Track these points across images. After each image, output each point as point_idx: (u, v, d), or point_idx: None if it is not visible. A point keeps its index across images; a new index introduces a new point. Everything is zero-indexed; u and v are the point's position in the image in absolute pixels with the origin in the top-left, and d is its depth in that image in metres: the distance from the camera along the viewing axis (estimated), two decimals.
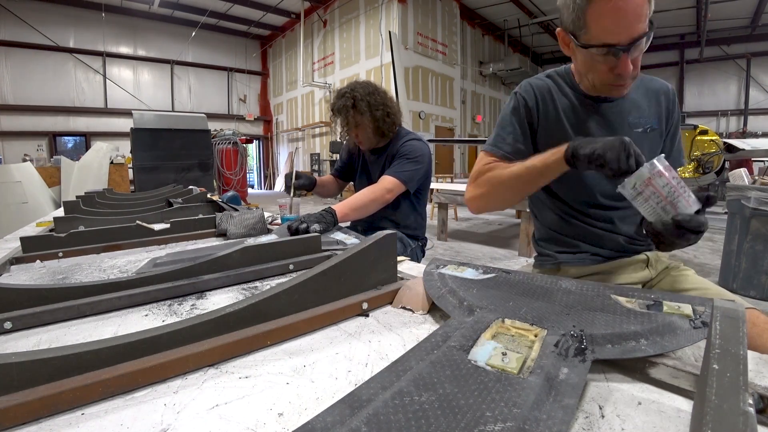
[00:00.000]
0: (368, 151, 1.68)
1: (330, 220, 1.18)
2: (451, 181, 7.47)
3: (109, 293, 0.63)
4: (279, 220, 1.50)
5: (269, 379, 0.43)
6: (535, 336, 0.45)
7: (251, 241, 0.88)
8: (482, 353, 0.42)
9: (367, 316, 0.60)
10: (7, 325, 0.55)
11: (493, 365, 0.39)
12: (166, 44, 12.20)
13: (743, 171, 4.42)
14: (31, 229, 1.50)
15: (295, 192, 1.56)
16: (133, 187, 5.50)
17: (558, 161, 0.76)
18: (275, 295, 0.53)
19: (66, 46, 10.61)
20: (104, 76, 11.27)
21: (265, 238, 1.06)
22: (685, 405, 0.37)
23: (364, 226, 1.65)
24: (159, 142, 5.13)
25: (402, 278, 0.72)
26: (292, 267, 0.83)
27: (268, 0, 10.99)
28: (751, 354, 0.44)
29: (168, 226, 1.24)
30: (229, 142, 7.96)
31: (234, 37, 13.47)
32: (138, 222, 1.22)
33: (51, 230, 1.26)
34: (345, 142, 1.79)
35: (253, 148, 14.45)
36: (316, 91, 11.87)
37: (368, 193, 1.43)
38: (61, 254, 1.02)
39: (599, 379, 0.42)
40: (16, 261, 0.96)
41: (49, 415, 0.36)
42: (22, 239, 1.03)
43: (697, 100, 12.88)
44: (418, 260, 1.63)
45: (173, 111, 11.91)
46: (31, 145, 9.54)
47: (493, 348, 0.43)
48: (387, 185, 1.45)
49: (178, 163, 5.26)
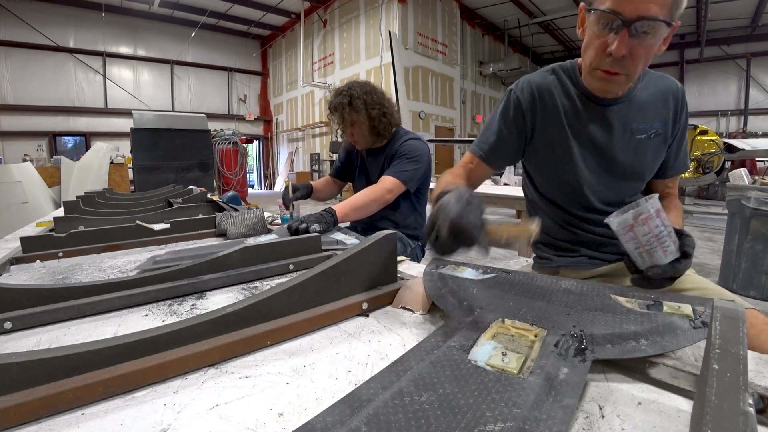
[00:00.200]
0: (366, 151, 1.68)
1: (330, 221, 1.18)
2: None
3: (109, 293, 0.63)
4: (279, 220, 1.50)
5: (269, 379, 0.43)
6: (535, 336, 0.45)
7: (251, 241, 0.88)
8: (482, 353, 0.42)
9: (367, 316, 0.60)
10: (7, 325, 0.55)
11: (493, 365, 0.39)
12: (166, 44, 12.19)
13: (743, 171, 4.42)
14: (31, 229, 1.50)
15: (293, 205, 1.55)
16: (133, 187, 5.50)
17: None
18: (275, 295, 0.53)
19: (66, 46, 10.61)
20: (104, 76, 11.26)
21: (265, 238, 1.06)
22: (685, 405, 0.37)
23: (364, 226, 1.65)
24: (159, 142, 5.13)
25: (402, 278, 0.72)
26: (292, 267, 0.83)
27: (268, 0, 10.99)
28: (751, 354, 0.44)
29: (168, 226, 1.24)
30: (229, 142, 7.96)
31: (234, 37, 13.47)
32: (138, 222, 1.22)
33: (51, 230, 1.26)
34: (343, 143, 1.79)
35: (253, 148, 14.45)
36: (316, 91, 11.87)
37: (368, 193, 1.42)
38: (61, 254, 1.02)
39: (599, 379, 0.42)
40: (16, 261, 0.96)
41: (49, 415, 0.36)
42: (22, 239, 1.03)
43: (697, 100, 12.87)
44: (418, 260, 1.63)
45: (173, 111, 11.91)
46: (31, 145, 9.53)
47: (493, 348, 0.43)
48: (387, 185, 1.45)
49: (178, 163, 5.26)
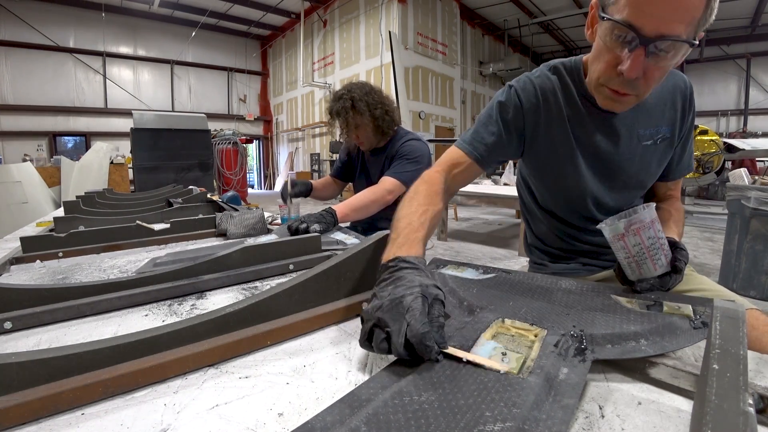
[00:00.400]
0: (368, 152, 1.68)
1: (330, 221, 1.18)
2: None
3: (109, 293, 0.63)
4: (279, 220, 1.50)
5: (269, 379, 0.43)
6: (535, 336, 0.45)
7: (251, 241, 0.88)
8: (482, 353, 0.42)
9: None
10: (7, 325, 0.55)
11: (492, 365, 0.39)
12: (166, 44, 12.19)
13: (743, 171, 4.42)
14: (31, 229, 1.50)
15: (291, 200, 1.56)
16: (133, 187, 5.50)
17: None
18: (275, 295, 0.53)
19: (66, 46, 10.60)
20: (104, 76, 11.26)
21: (265, 238, 1.06)
22: (685, 405, 0.37)
23: (364, 226, 1.65)
24: (159, 142, 5.13)
25: None
26: (292, 267, 0.83)
27: (268, 0, 10.99)
28: (751, 354, 0.44)
29: (168, 226, 1.24)
30: (229, 142, 7.96)
31: (234, 37, 13.46)
32: (138, 222, 1.22)
33: (51, 230, 1.26)
34: (344, 143, 1.79)
35: (253, 148, 14.44)
36: (316, 91, 11.86)
37: (369, 194, 1.42)
38: (61, 254, 1.02)
39: (599, 379, 0.42)
40: (16, 261, 0.96)
41: (49, 415, 0.36)
42: (22, 239, 1.03)
43: (697, 100, 12.36)
44: None
45: (173, 111, 11.90)
46: (31, 145, 9.53)
47: (493, 348, 0.43)
48: (388, 186, 1.45)
49: (178, 163, 5.26)
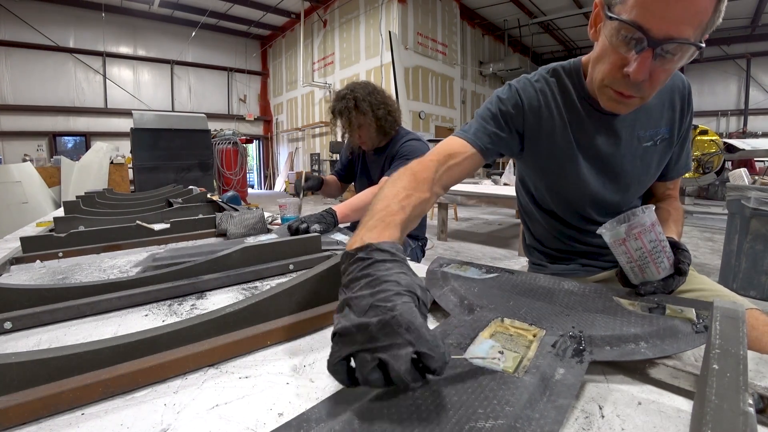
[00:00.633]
0: (369, 152, 1.68)
1: (330, 221, 1.18)
2: None
3: (109, 293, 0.63)
4: (279, 220, 1.50)
5: (269, 379, 0.43)
6: (534, 336, 0.45)
7: (251, 241, 0.88)
8: (479, 351, 0.42)
9: None
10: (7, 325, 0.55)
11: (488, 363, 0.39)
12: (166, 44, 12.18)
13: (743, 171, 4.41)
14: (31, 229, 1.50)
15: (304, 194, 1.56)
16: (133, 187, 5.50)
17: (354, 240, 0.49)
18: (275, 295, 0.53)
19: (66, 46, 10.60)
20: (104, 76, 11.26)
21: (265, 238, 1.06)
22: (685, 405, 0.37)
23: None
24: (159, 142, 5.13)
25: None
26: (292, 267, 0.83)
27: (268, 0, 10.99)
28: (751, 354, 0.44)
29: (168, 226, 1.24)
30: (229, 142, 7.96)
31: (234, 37, 13.46)
32: (138, 222, 1.22)
33: (51, 230, 1.26)
34: (345, 144, 1.79)
35: (253, 148, 14.44)
36: (316, 91, 11.86)
37: (369, 194, 1.43)
38: (61, 254, 1.02)
39: (599, 380, 0.42)
40: (16, 261, 0.96)
41: (49, 415, 0.36)
42: (22, 239, 1.03)
43: (697, 100, 12.78)
44: (418, 260, 1.63)
45: (173, 111, 11.89)
46: (31, 145, 9.53)
47: (491, 347, 0.43)
48: None
49: (178, 163, 5.26)
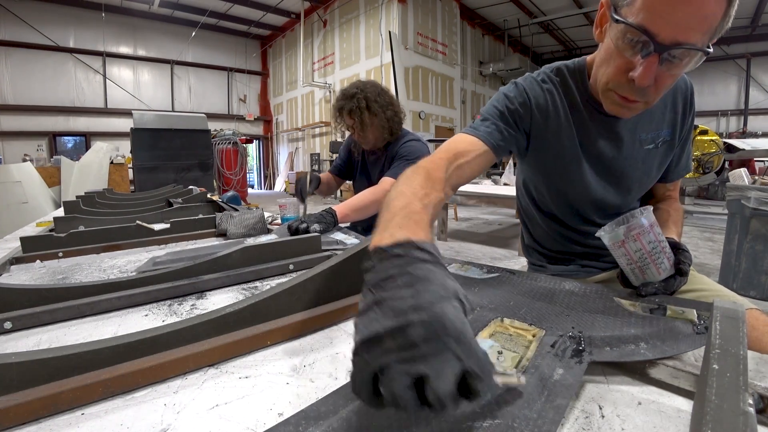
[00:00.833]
0: (367, 152, 1.68)
1: (330, 221, 1.18)
2: None
3: (109, 293, 0.63)
4: (279, 220, 1.50)
5: (269, 379, 0.43)
6: (533, 336, 0.45)
7: (251, 241, 0.88)
8: None
9: None
10: (7, 325, 0.55)
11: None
12: (166, 44, 12.18)
13: (743, 171, 4.40)
14: (31, 229, 1.50)
15: (307, 197, 1.54)
16: (133, 187, 5.50)
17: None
18: (275, 295, 0.53)
19: (66, 46, 10.60)
20: (104, 76, 11.25)
21: (265, 238, 1.06)
22: (685, 405, 0.37)
23: (364, 226, 1.65)
24: (159, 142, 5.13)
25: None
26: (292, 267, 0.83)
27: (268, 0, 10.99)
28: (751, 354, 0.44)
29: (168, 226, 1.24)
30: (229, 142, 7.96)
31: (234, 37, 13.46)
32: (138, 222, 1.22)
33: (51, 230, 1.26)
34: (345, 141, 1.80)
35: (253, 148, 14.44)
36: (316, 91, 11.86)
37: (369, 194, 1.43)
38: (61, 254, 1.02)
39: (599, 380, 0.42)
40: (16, 261, 0.96)
41: (49, 415, 0.36)
42: (22, 239, 1.03)
43: (697, 100, 12.34)
44: None
45: (173, 111, 11.89)
46: (31, 145, 9.52)
47: (490, 346, 0.43)
48: (387, 187, 1.45)
49: (178, 163, 5.26)
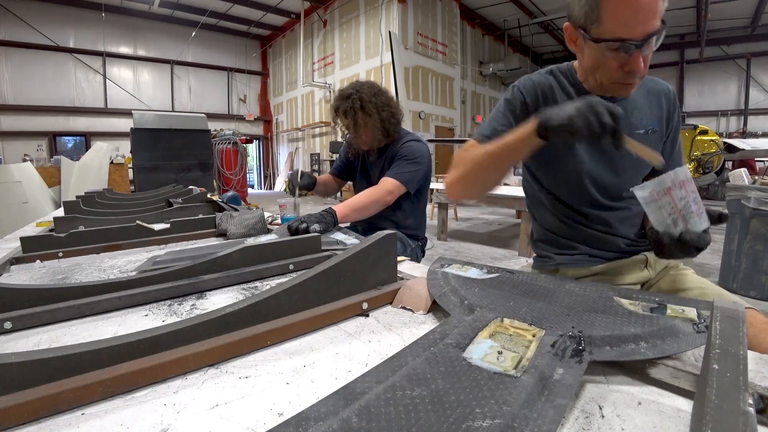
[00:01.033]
0: (367, 152, 1.68)
1: (330, 221, 1.18)
2: None
3: (109, 293, 0.63)
4: (279, 220, 1.50)
5: (269, 379, 0.43)
6: (533, 336, 0.45)
7: (251, 241, 0.88)
8: (478, 351, 0.42)
9: (367, 316, 0.60)
10: (7, 325, 0.55)
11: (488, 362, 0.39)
12: (166, 44, 12.18)
13: (743, 171, 4.41)
14: (31, 229, 1.50)
15: (298, 193, 1.57)
16: (133, 187, 5.50)
17: (530, 135, 0.72)
18: (275, 295, 0.53)
19: (66, 46, 10.60)
20: (104, 76, 11.25)
21: (265, 238, 1.06)
22: (685, 405, 0.37)
23: (364, 226, 1.65)
24: (159, 142, 5.13)
25: (402, 278, 0.72)
26: (292, 267, 0.83)
27: (268, 0, 10.99)
28: (751, 354, 0.44)
29: (168, 226, 1.24)
30: (229, 142, 7.96)
31: (234, 37, 13.45)
32: (138, 222, 1.22)
33: (51, 230, 1.26)
34: (345, 142, 1.79)
35: (253, 148, 14.44)
36: (316, 91, 11.86)
37: (369, 194, 1.43)
38: (61, 254, 1.02)
39: (599, 380, 0.42)
40: (16, 261, 0.96)
41: (49, 415, 0.36)
42: (22, 239, 1.03)
43: (697, 100, 12.86)
44: (418, 260, 1.63)
45: (173, 111, 11.89)
46: (31, 145, 9.52)
47: (490, 346, 0.43)
48: (388, 187, 1.45)
49: (178, 163, 5.26)
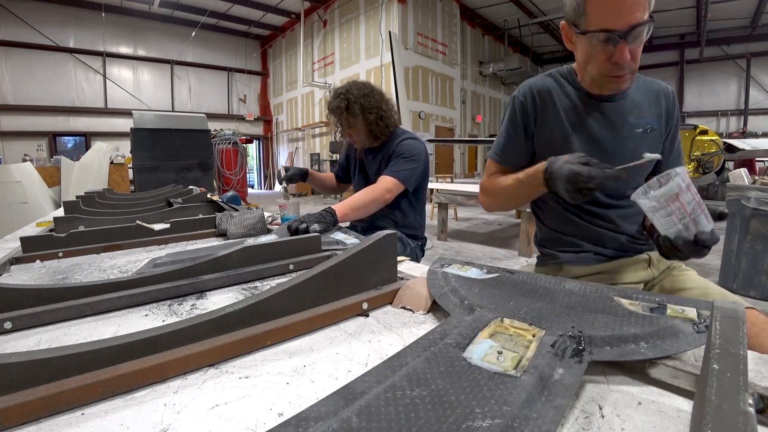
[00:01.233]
0: (364, 152, 1.68)
1: (330, 220, 1.18)
2: (451, 181, 7.46)
3: (109, 293, 0.63)
4: (279, 220, 1.50)
5: (269, 379, 0.43)
6: (533, 336, 0.45)
7: (251, 241, 0.88)
8: (478, 351, 0.42)
9: (367, 316, 0.60)
10: (7, 325, 0.55)
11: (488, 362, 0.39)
12: (166, 44, 12.19)
13: (743, 171, 4.41)
14: (31, 229, 1.50)
15: (288, 183, 1.62)
16: (133, 187, 5.50)
17: (537, 180, 0.83)
18: (275, 295, 0.53)
19: (66, 46, 10.60)
20: (104, 76, 11.26)
21: (265, 238, 1.06)
22: (685, 405, 0.37)
23: (363, 225, 1.65)
24: (159, 142, 5.13)
25: (402, 278, 0.72)
26: (292, 267, 0.83)
27: (268, 0, 10.99)
28: (751, 354, 0.44)
29: (168, 226, 1.24)
30: (229, 142, 7.96)
31: (234, 37, 13.46)
32: (138, 222, 1.22)
33: (51, 230, 1.26)
34: (344, 144, 1.80)
35: (253, 148, 14.45)
36: (316, 91, 11.87)
37: (368, 192, 1.43)
38: (61, 254, 1.02)
39: (599, 380, 0.42)
40: (16, 261, 0.96)
41: (49, 415, 0.36)
42: (22, 239, 1.03)
43: (697, 100, 12.88)
44: (418, 260, 1.63)
45: (173, 111, 11.91)
46: (31, 145, 9.53)
47: (490, 347, 0.43)
48: (386, 185, 1.45)
49: (178, 163, 5.26)
